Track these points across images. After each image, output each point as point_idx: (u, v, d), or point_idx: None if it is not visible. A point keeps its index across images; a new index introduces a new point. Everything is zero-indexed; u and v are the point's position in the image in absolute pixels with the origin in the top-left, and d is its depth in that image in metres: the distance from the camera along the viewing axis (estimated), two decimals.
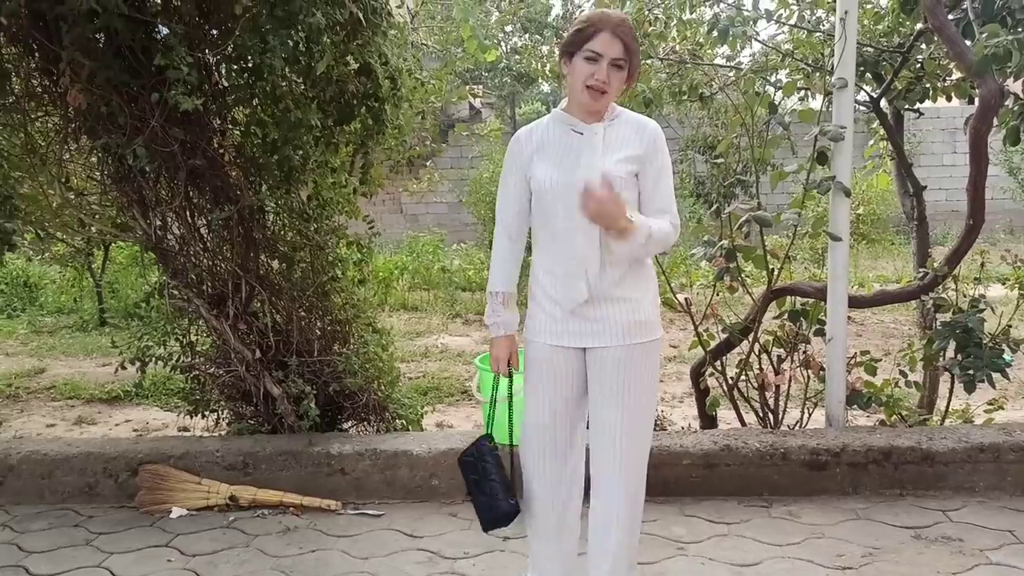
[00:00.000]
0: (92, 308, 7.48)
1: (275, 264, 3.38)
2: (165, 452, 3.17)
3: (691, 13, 4.76)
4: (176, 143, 2.91)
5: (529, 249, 2.21)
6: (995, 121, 3.21)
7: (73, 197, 3.32)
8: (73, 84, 2.72)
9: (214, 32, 3.06)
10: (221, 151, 3.21)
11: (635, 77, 2.07)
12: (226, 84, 3.15)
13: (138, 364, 3.33)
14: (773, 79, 4.43)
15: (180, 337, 3.38)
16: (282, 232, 3.40)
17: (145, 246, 3.23)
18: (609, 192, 1.91)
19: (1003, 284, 3.47)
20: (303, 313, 3.39)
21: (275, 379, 3.22)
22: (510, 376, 2.25)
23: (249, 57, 2.96)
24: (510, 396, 2.31)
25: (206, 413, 3.49)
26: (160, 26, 2.90)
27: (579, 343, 2.10)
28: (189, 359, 3.40)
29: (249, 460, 3.13)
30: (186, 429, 3.76)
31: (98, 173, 3.24)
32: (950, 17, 3.32)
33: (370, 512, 3.01)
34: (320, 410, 3.24)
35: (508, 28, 14.05)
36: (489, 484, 2.18)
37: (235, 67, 3.10)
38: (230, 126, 3.28)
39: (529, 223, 2.19)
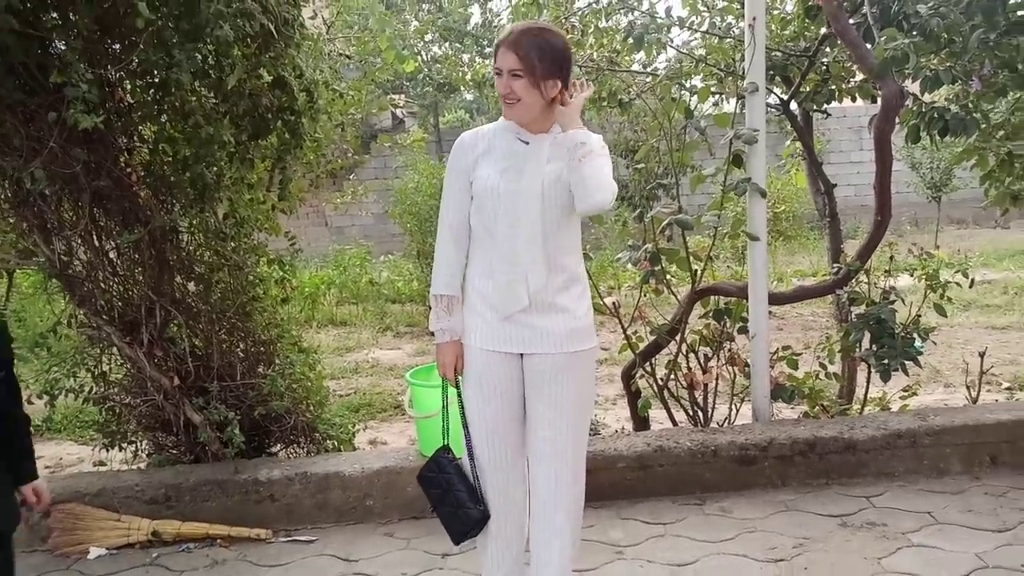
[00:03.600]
0: None
1: (191, 286, 3.25)
2: (80, 490, 3.00)
3: (607, 21, 4.84)
4: (78, 164, 2.76)
5: None
6: (897, 120, 3.36)
7: None
8: None
9: (116, 47, 2.93)
10: (128, 170, 3.06)
11: (556, 79, 2.01)
12: (131, 101, 3.01)
13: (47, 398, 3.14)
14: (688, 84, 4.53)
15: (92, 367, 3.20)
16: (198, 252, 3.28)
17: (49, 273, 3.05)
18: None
19: (911, 275, 3.63)
20: (224, 336, 3.27)
21: (196, 406, 3.09)
22: (457, 384, 2.20)
23: (155, 72, 2.84)
24: (461, 404, 2.22)
25: (123, 445, 3.32)
26: (56, 41, 2.75)
27: (515, 348, 2.09)
28: (102, 390, 3.23)
29: (172, 492, 2.99)
30: (102, 463, 3.57)
31: None
32: (851, 22, 3.46)
33: (302, 538, 2.92)
34: (246, 436, 3.12)
35: (427, 37, 14.00)
36: (455, 495, 2.15)
37: (140, 83, 2.97)
38: (137, 144, 3.14)
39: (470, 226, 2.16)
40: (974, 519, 2.74)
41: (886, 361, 3.33)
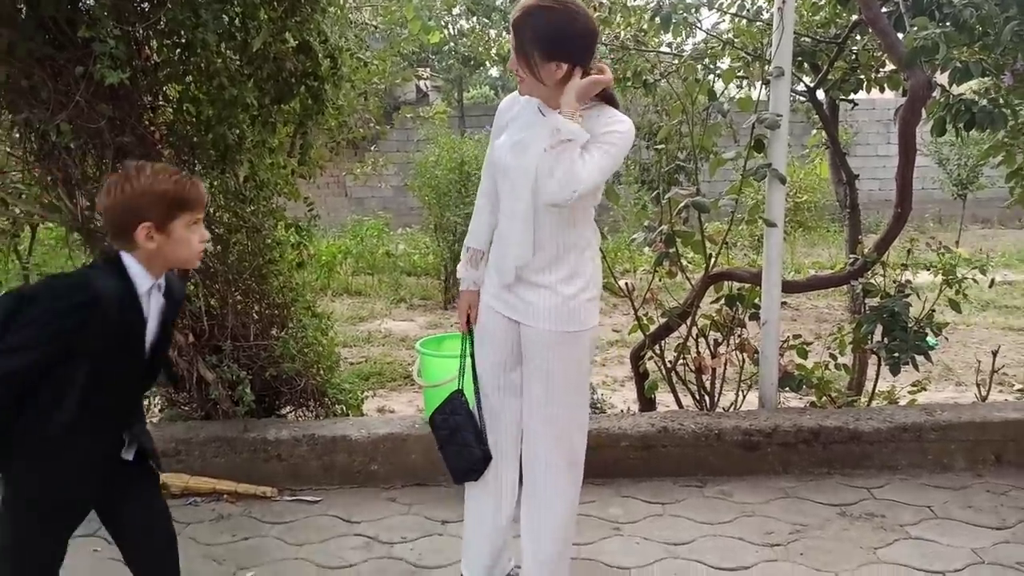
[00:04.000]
0: None
1: (209, 246, 3.29)
2: None
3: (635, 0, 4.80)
4: (103, 119, 2.79)
5: None
6: (924, 112, 3.32)
7: None
8: None
9: (144, 5, 2.95)
10: (152, 129, 3.10)
11: (554, 59, 1.95)
12: (157, 59, 3.04)
13: None
14: (714, 67, 4.49)
15: None
16: (217, 214, 3.31)
17: (71, 227, 3.11)
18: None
19: (928, 270, 3.60)
20: (239, 297, 3.32)
21: (209, 364, 3.15)
22: (470, 331, 2.29)
23: (181, 32, 2.85)
24: (472, 348, 2.31)
25: None
26: None
27: (512, 314, 2.14)
28: None
29: (181, 447, 3.05)
30: None
31: (20, 150, 3.10)
32: (883, 10, 3.41)
33: (307, 498, 2.97)
34: (256, 396, 3.18)
35: (455, 10, 13.90)
36: (462, 435, 2.22)
37: (167, 42, 2.99)
38: (161, 103, 3.17)
39: None
40: (974, 515, 2.75)
41: (896, 354, 3.31)
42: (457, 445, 2.22)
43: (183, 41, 2.92)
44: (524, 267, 2.08)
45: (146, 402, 3.39)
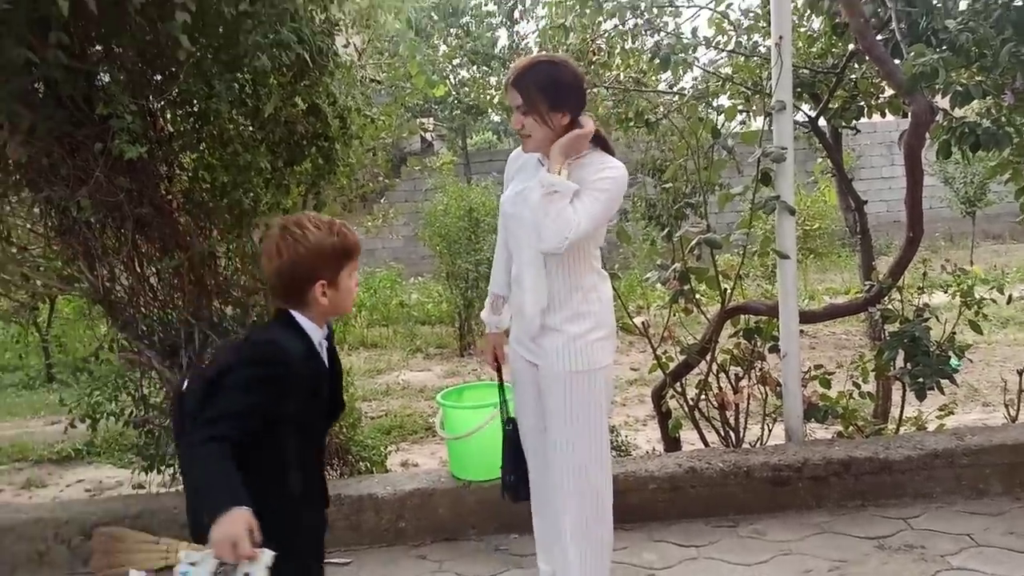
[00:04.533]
0: (38, 364, 7.21)
1: (228, 310, 3.32)
2: (119, 513, 3.06)
3: (633, 42, 4.89)
4: (122, 192, 2.85)
5: None
6: (927, 136, 3.34)
7: (15, 252, 3.23)
8: (12, 137, 2.66)
9: (158, 78, 3.02)
10: (169, 198, 3.15)
11: (561, 110, 2.09)
12: (172, 130, 3.11)
13: (88, 421, 3.23)
14: (715, 103, 4.55)
15: (132, 391, 3.28)
16: (235, 277, 3.35)
17: (92, 298, 3.15)
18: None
19: (945, 291, 3.58)
20: None
21: None
22: (498, 369, 2.49)
23: (195, 102, 2.93)
24: (501, 384, 2.52)
25: (162, 468, 3.38)
26: (102, 74, 2.86)
27: (531, 357, 2.24)
28: (142, 413, 3.30)
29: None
30: (141, 486, 3.64)
31: (41, 226, 3.16)
32: (879, 38, 3.46)
33: (337, 560, 2.94)
34: None
35: (455, 61, 14.19)
36: (503, 458, 2.40)
37: (180, 112, 3.06)
38: (177, 172, 3.23)
39: None
40: (1016, 541, 2.68)
41: (921, 379, 3.28)
42: (500, 467, 2.43)
43: (196, 111, 2.99)
44: (539, 312, 2.16)
45: (171, 470, 3.40)
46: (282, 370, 1.68)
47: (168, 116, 3.11)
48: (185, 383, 1.77)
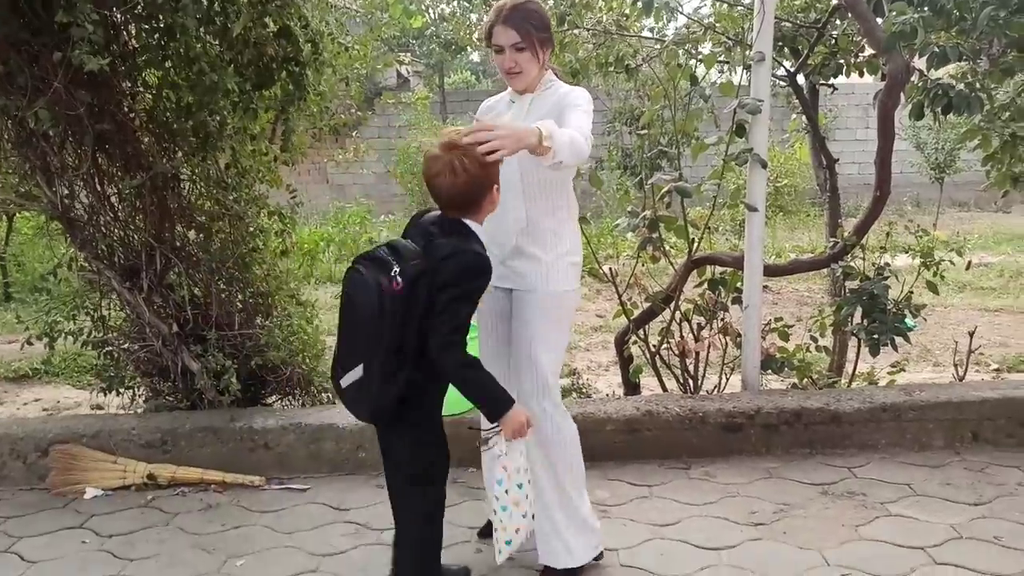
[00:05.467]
0: None
1: (192, 235, 3.27)
2: (77, 431, 3.05)
3: None
4: (82, 106, 2.76)
5: None
6: (903, 97, 3.35)
7: None
8: None
9: None
10: (132, 115, 3.07)
11: (548, 46, 2.25)
12: (136, 44, 3.00)
13: (46, 340, 3.18)
14: (696, 52, 4.50)
15: (91, 311, 3.24)
16: (199, 201, 3.29)
17: (51, 216, 3.07)
18: (485, 124, 2.00)
19: (907, 253, 3.65)
20: (223, 285, 3.30)
21: (193, 354, 3.13)
22: None
23: (160, 16, 2.82)
24: None
25: (121, 390, 3.36)
26: None
27: (504, 284, 2.29)
28: (101, 334, 3.27)
29: (168, 437, 3.04)
30: (100, 407, 3.63)
31: None
32: None
33: (295, 487, 2.98)
34: (242, 385, 3.18)
35: None
36: None
37: (145, 26, 2.95)
38: (141, 89, 3.13)
39: None
40: (952, 492, 2.81)
41: (876, 336, 3.37)
42: None
43: (162, 26, 2.89)
44: (520, 236, 2.22)
45: (129, 393, 3.39)
46: (488, 279, 1.94)
47: (132, 30, 3.00)
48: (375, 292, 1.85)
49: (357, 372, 1.90)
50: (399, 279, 1.84)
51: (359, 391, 1.92)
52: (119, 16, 2.86)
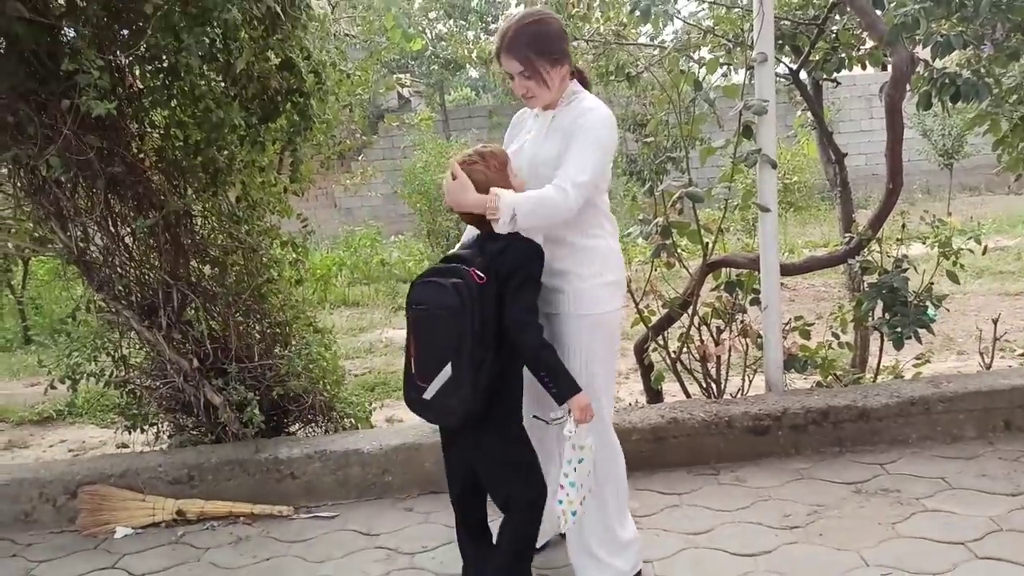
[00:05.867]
0: (15, 327, 7.15)
1: (207, 269, 3.28)
2: (104, 471, 3.06)
3: None
4: (92, 150, 2.79)
5: None
6: (908, 87, 3.33)
7: None
8: None
9: (124, 32, 2.94)
10: (141, 156, 3.09)
11: (559, 64, 2.15)
12: (141, 86, 3.03)
13: (69, 382, 3.20)
14: (696, 56, 4.50)
15: (111, 351, 3.26)
16: (212, 236, 3.31)
17: (66, 259, 3.10)
18: (453, 179, 2.08)
19: (923, 243, 3.62)
20: (240, 318, 3.31)
21: (215, 387, 3.14)
22: None
23: (164, 57, 2.85)
24: None
25: (145, 427, 3.38)
26: (66, 28, 2.77)
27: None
28: (123, 373, 3.29)
29: (194, 472, 3.04)
30: (125, 445, 3.64)
31: (10, 187, 3.09)
32: None
33: (324, 514, 2.97)
34: (265, 415, 3.17)
35: (432, 15, 13.89)
36: None
37: (150, 68, 2.98)
38: (149, 129, 3.16)
39: None
40: (988, 483, 2.76)
41: (899, 329, 3.33)
42: None
43: (166, 66, 2.91)
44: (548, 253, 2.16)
45: (154, 429, 3.40)
46: (543, 262, 2.10)
47: (137, 72, 3.03)
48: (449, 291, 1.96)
49: (444, 374, 1.95)
50: (479, 272, 1.97)
51: (449, 394, 1.97)
52: (123, 59, 2.89)
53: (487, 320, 1.97)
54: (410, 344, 2.06)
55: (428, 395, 2.00)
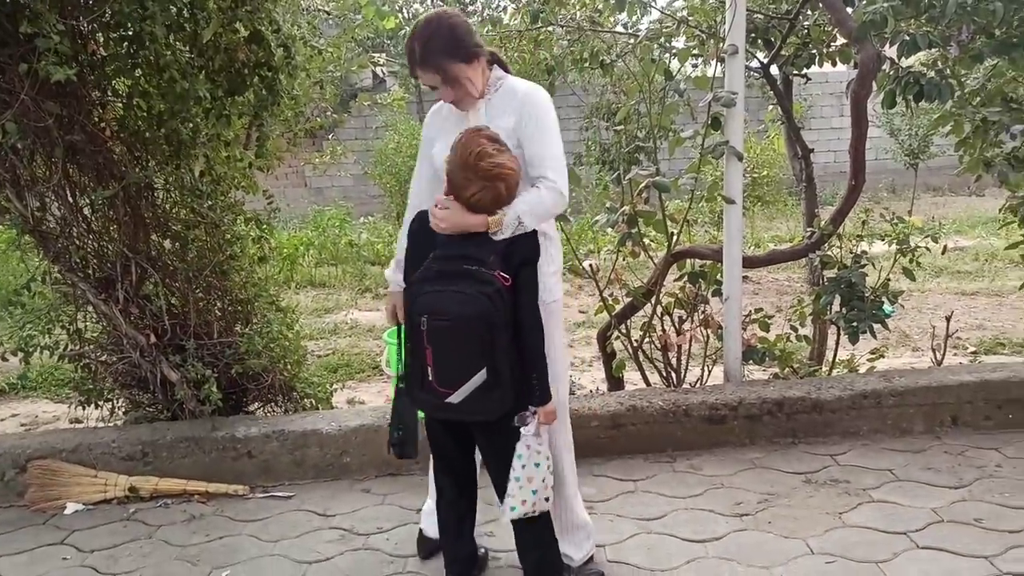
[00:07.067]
0: None
1: (167, 244, 3.23)
2: (56, 446, 3.01)
3: None
4: (51, 117, 2.72)
5: None
6: (874, 85, 3.38)
7: None
8: None
9: None
10: (102, 125, 3.02)
11: (475, 58, 2.12)
12: (104, 53, 2.95)
13: (21, 355, 3.13)
14: (670, 46, 4.51)
15: (66, 324, 3.19)
16: (174, 210, 3.25)
17: (22, 229, 3.02)
18: (441, 207, 2.01)
19: (883, 240, 3.69)
20: (200, 294, 3.26)
21: (172, 364, 3.10)
22: (399, 324, 2.36)
23: (128, 24, 2.77)
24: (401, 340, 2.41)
25: (100, 403, 3.32)
26: None
27: None
28: (78, 347, 3.22)
29: (148, 449, 3.01)
30: (79, 420, 3.58)
31: None
32: None
33: (280, 494, 2.96)
34: (223, 394, 3.14)
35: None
36: (392, 415, 2.31)
37: (114, 35, 2.90)
38: (111, 98, 3.09)
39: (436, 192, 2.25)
40: (933, 476, 2.84)
41: (855, 323, 3.40)
42: (391, 427, 2.31)
43: (130, 34, 2.84)
44: None
45: (108, 405, 3.35)
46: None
47: (100, 39, 2.95)
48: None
49: (478, 379, 1.91)
50: (504, 274, 1.94)
51: (485, 396, 1.94)
52: (86, 25, 2.81)
53: (511, 319, 1.96)
54: (423, 353, 1.95)
55: (456, 399, 1.94)
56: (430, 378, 1.96)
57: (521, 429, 2.04)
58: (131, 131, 3.05)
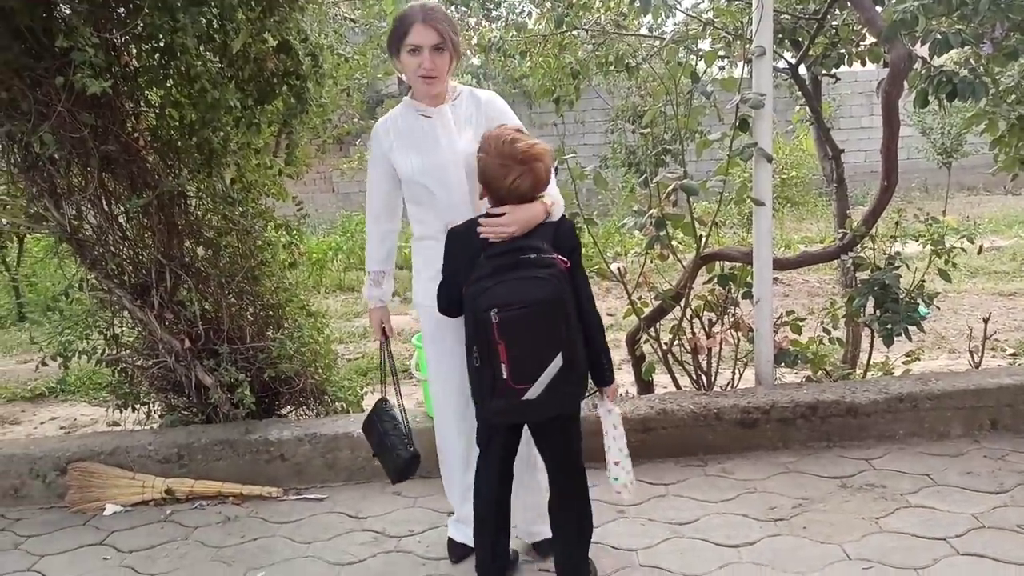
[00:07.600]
0: (8, 303, 7.15)
1: (200, 251, 3.29)
2: (95, 449, 3.07)
3: None
4: (86, 128, 2.78)
5: None
6: (906, 85, 3.33)
7: None
8: None
9: (120, 11, 2.92)
10: (136, 135, 3.09)
11: (460, 53, 2.18)
12: (137, 65, 3.02)
13: (60, 360, 3.20)
14: (695, 48, 4.49)
15: (103, 330, 3.26)
16: (206, 217, 3.31)
17: (60, 237, 3.09)
18: (496, 215, 2.02)
19: (917, 241, 3.62)
20: (233, 299, 3.31)
21: (207, 368, 3.15)
22: (386, 339, 2.50)
23: (160, 36, 2.84)
24: (390, 357, 2.51)
25: (136, 406, 3.39)
26: (61, 5, 2.76)
27: None
28: (115, 352, 3.29)
29: (184, 452, 3.06)
30: (116, 424, 3.65)
31: (3, 163, 3.08)
32: None
33: (312, 496, 2.99)
34: (256, 397, 3.18)
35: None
36: (389, 439, 2.34)
37: (146, 47, 2.97)
38: (144, 108, 3.15)
39: (398, 205, 2.37)
40: (972, 481, 2.78)
41: (889, 326, 3.34)
42: (387, 451, 2.35)
43: (162, 46, 2.90)
44: None
45: (145, 409, 3.41)
46: None
47: (133, 51, 3.02)
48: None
49: (556, 364, 1.91)
50: (562, 257, 1.97)
51: (563, 382, 1.93)
52: (119, 38, 2.87)
53: (574, 302, 2.00)
54: (494, 351, 1.89)
55: (532, 394, 1.90)
56: (504, 376, 1.89)
57: (601, 409, 2.12)
58: (164, 140, 3.11)
